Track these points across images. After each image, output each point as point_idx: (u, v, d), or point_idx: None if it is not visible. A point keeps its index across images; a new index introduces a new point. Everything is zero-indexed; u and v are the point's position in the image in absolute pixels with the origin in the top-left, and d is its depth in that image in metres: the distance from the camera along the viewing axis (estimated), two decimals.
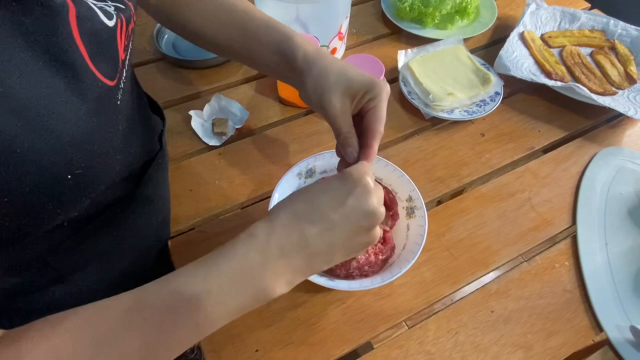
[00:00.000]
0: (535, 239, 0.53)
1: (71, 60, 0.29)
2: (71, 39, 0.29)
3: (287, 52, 0.43)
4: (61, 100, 0.28)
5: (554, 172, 0.60)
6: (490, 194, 0.57)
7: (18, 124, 0.25)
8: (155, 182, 0.49)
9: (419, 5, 0.74)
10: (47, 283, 0.41)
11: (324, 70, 0.40)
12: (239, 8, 0.46)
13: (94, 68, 0.31)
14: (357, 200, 0.34)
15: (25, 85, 0.26)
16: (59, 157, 0.28)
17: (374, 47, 0.76)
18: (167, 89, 0.67)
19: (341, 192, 0.35)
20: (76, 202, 0.34)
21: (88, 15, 0.30)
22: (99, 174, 0.34)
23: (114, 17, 0.33)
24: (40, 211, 0.31)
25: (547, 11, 0.78)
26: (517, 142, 0.63)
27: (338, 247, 0.35)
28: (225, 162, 0.59)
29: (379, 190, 0.36)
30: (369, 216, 0.35)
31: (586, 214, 0.55)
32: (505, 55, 0.69)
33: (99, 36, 0.31)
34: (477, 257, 0.52)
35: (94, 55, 0.30)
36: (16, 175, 0.26)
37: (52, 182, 0.29)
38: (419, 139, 0.63)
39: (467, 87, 0.66)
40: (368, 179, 0.35)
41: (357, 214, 0.34)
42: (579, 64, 0.71)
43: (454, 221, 0.55)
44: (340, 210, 0.34)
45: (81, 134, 0.30)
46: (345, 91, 0.40)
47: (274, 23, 0.45)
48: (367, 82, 0.40)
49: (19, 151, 0.26)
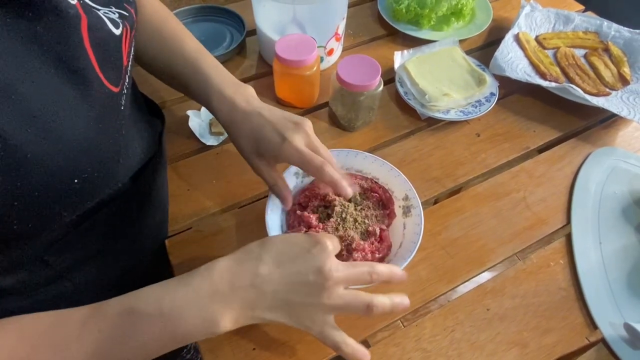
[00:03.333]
0: (530, 237, 0.54)
1: (81, 68, 0.29)
2: (82, 47, 0.29)
3: (209, 106, 0.47)
4: (71, 107, 0.29)
5: (549, 172, 0.60)
6: (486, 194, 0.58)
7: (29, 130, 0.26)
8: (153, 182, 0.49)
9: (415, 7, 0.75)
10: (44, 281, 0.41)
11: (237, 135, 0.44)
12: (171, 39, 0.48)
13: (102, 75, 0.31)
14: (312, 256, 0.35)
15: (37, 92, 0.27)
16: (67, 162, 0.29)
17: (371, 48, 0.76)
18: (165, 89, 0.67)
19: (300, 246, 0.36)
20: (81, 204, 0.35)
21: (98, 25, 0.31)
22: (104, 177, 0.35)
23: (120, 26, 0.34)
24: (46, 213, 0.31)
25: (541, 13, 0.79)
26: (512, 142, 0.64)
27: (283, 298, 0.35)
28: (222, 162, 0.60)
29: (334, 260, 0.37)
30: (318, 273, 0.35)
31: (580, 213, 0.55)
32: (500, 57, 0.70)
33: (107, 44, 0.32)
34: (473, 255, 0.52)
35: (101, 63, 0.31)
36: (26, 180, 0.27)
37: (59, 186, 0.30)
38: (415, 139, 0.63)
39: (462, 88, 0.66)
40: (328, 243, 0.36)
41: (307, 267, 0.35)
42: (573, 65, 0.72)
43: (450, 220, 0.55)
44: (294, 260, 0.36)
45: (88, 140, 0.30)
46: (258, 155, 0.44)
47: (200, 66, 0.47)
48: (274, 148, 0.42)
49: (29, 156, 0.26)
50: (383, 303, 0.36)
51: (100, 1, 0.34)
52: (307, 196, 0.51)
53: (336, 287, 0.35)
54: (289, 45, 0.59)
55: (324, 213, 0.50)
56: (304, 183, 0.53)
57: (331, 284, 0.35)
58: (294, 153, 0.41)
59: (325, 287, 0.35)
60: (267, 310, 0.35)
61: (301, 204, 0.51)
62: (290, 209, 0.51)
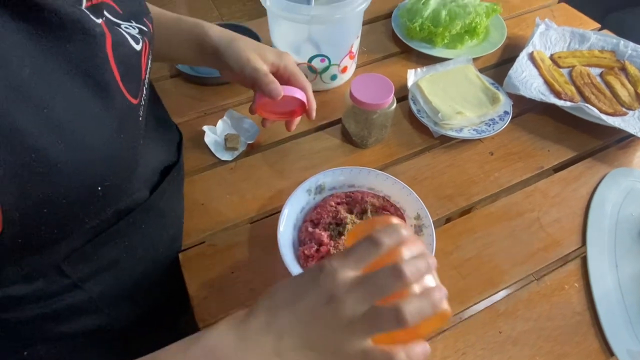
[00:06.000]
0: (544, 259, 0.53)
1: (106, 81, 0.31)
2: (107, 63, 0.31)
3: (200, 35, 0.52)
4: (96, 119, 0.31)
5: (564, 192, 0.60)
6: (499, 213, 0.58)
7: (59, 141, 0.28)
8: (169, 195, 0.50)
9: (429, 25, 0.75)
10: (60, 290, 0.42)
11: (242, 48, 0.51)
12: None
13: (124, 88, 0.33)
14: (318, 286, 0.30)
15: (66, 106, 0.28)
16: (93, 170, 0.31)
17: (384, 65, 0.77)
18: (182, 105, 0.69)
19: (304, 281, 0.31)
20: (102, 211, 0.37)
21: (121, 42, 0.33)
22: (123, 185, 0.37)
23: (140, 42, 0.36)
24: (71, 219, 0.33)
25: (556, 32, 0.79)
26: (526, 162, 0.63)
27: (306, 345, 0.30)
28: (236, 177, 0.61)
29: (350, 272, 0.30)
30: (330, 301, 0.29)
31: (596, 235, 0.55)
32: (514, 75, 0.70)
33: (129, 59, 0.34)
34: (486, 276, 0.52)
35: (124, 77, 0.33)
36: (57, 188, 0.29)
37: (85, 194, 0.32)
38: (427, 157, 0.64)
39: (476, 106, 0.66)
40: (333, 263, 0.30)
41: (317, 299, 0.30)
42: (589, 84, 0.71)
43: (462, 240, 0.55)
44: (302, 299, 0.30)
45: (111, 149, 0.32)
46: (261, 57, 0.51)
47: (183, 17, 0.54)
48: (274, 51, 0.53)
49: (59, 166, 0.28)
50: (414, 305, 0.29)
51: (121, 16, 0.36)
52: (319, 213, 0.52)
53: (355, 306, 0.29)
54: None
55: (335, 230, 0.50)
56: (316, 200, 0.54)
57: (348, 306, 0.29)
58: (292, 62, 0.53)
59: (341, 311, 0.29)
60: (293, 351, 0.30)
61: (313, 221, 0.51)
62: (302, 225, 0.52)
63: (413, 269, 0.29)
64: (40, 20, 0.27)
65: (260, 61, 0.51)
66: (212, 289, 0.50)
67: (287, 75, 0.53)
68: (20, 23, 0.26)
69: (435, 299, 0.30)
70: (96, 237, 0.41)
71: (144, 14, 0.40)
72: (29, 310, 0.41)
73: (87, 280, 0.43)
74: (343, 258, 0.31)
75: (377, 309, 0.29)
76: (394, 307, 0.29)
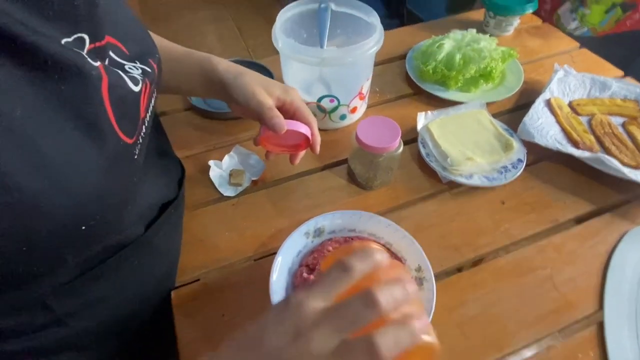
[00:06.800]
0: (556, 322, 0.49)
1: (100, 124, 0.31)
2: (102, 105, 0.31)
3: (208, 69, 0.54)
4: (85, 160, 0.30)
5: (580, 249, 0.56)
6: (509, 268, 0.54)
7: (44, 181, 0.27)
8: (165, 231, 0.50)
9: (442, 68, 0.75)
10: (43, 325, 0.41)
11: (249, 82, 0.52)
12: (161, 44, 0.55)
13: (118, 129, 0.33)
14: (282, 324, 0.27)
15: (54, 146, 0.28)
16: (76, 210, 0.30)
17: (396, 106, 0.77)
18: (192, 138, 0.70)
19: (269, 320, 0.29)
20: (87, 249, 0.36)
21: (118, 84, 0.33)
22: (111, 223, 0.36)
23: (140, 83, 0.36)
24: (52, 257, 0.32)
25: (575, 78, 0.77)
26: (540, 213, 0.60)
27: None
28: (238, 214, 0.60)
29: (317, 303, 0.27)
30: (296, 338, 0.26)
31: (615, 300, 0.50)
32: (529, 122, 0.68)
33: (125, 101, 0.34)
34: (491, 338, 0.48)
35: (119, 118, 0.33)
36: (37, 226, 0.28)
37: (67, 232, 0.31)
38: (434, 203, 0.61)
39: (487, 152, 0.64)
40: (301, 296, 0.28)
41: (278, 341, 0.27)
42: (609, 134, 0.68)
43: (468, 295, 0.52)
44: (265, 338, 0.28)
45: (98, 189, 0.32)
46: (267, 91, 0.52)
47: (193, 51, 0.56)
48: (281, 86, 0.54)
49: (42, 205, 0.28)
50: (389, 336, 0.26)
51: (127, 57, 0.37)
52: (316, 258, 0.50)
53: (323, 341, 0.26)
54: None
55: None
56: (314, 244, 0.52)
57: (316, 342, 0.26)
58: (298, 97, 0.54)
59: (308, 349, 0.26)
60: None
61: (309, 266, 0.50)
62: (298, 270, 0.50)
63: (388, 296, 0.27)
64: (36, 62, 0.27)
65: (266, 95, 0.52)
66: (200, 332, 0.48)
67: (293, 110, 0.54)
68: (15, 64, 0.26)
69: (414, 328, 0.26)
70: (85, 273, 0.40)
71: (150, 55, 0.40)
72: (12, 344, 0.41)
73: (73, 315, 0.42)
74: (309, 288, 0.28)
75: (348, 343, 0.26)
76: (365, 339, 0.26)
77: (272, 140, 0.57)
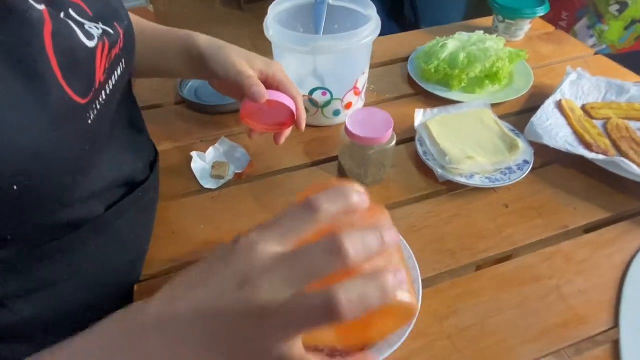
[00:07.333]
0: (563, 338, 0.43)
1: (41, 72, 0.29)
2: (44, 52, 0.29)
3: (189, 44, 0.52)
4: (23, 109, 0.28)
5: (593, 259, 0.50)
6: (510, 276, 0.48)
7: None
8: (131, 217, 0.46)
9: (445, 67, 0.71)
10: None
11: (229, 53, 0.50)
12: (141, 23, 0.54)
13: (65, 83, 0.30)
14: (227, 266, 0.24)
15: None
16: (7, 164, 0.27)
17: (395, 105, 0.73)
18: (180, 130, 0.67)
19: (214, 259, 0.26)
20: (22, 217, 0.32)
21: (65, 33, 0.31)
22: (56, 192, 0.32)
23: (96, 39, 0.34)
24: None
25: (590, 81, 0.72)
26: (547, 219, 0.54)
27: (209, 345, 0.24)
28: (217, 207, 0.56)
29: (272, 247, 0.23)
30: (241, 284, 0.23)
31: (633, 317, 0.44)
32: (537, 122, 0.63)
33: (75, 54, 0.32)
34: (487, 352, 0.42)
35: (66, 71, 0.30)
36: None
37: None
38: (430, 204, 0.56)
39: (491, 152, 0.59)
40: (252, 236, 0.24)
41: (219, 287, 0.24)
42: (627, 138, 0.62)
43: (462, 303, 0.46)
44: (206, 282, 0.25)
45: (38, 145, 0.29)
46: (248, 64, 0.50)
47: (175, 29, 0.55)
48: (263, 59, 0.52)
49: None
50: (354, 292, 0.21)
51: (89, 17, 0.35)
52: None
53: (272, 291, 0.22)
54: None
55: None
56: None
57: (263, 291, 0.22)
58: (280, 69, 0.52)
59: (254, 299, 0.22)
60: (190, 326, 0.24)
61: None
62: None
63: (358, 243, 0.22)
64: None
65: (247, 66, 0.49)
66: None
67: (277, 83, 0.51)
68: None
69: (386, 284, 0.21)
70: (30, 252, 0.37)
71: (116, 19, 0.38)
72: None
73: (17, 299, 0.39)
74: (265, 228, 0.24)
75: (301, 296, 0.21)
76: (323, 293, 0.21)
77: (255, 117, 0.53)
